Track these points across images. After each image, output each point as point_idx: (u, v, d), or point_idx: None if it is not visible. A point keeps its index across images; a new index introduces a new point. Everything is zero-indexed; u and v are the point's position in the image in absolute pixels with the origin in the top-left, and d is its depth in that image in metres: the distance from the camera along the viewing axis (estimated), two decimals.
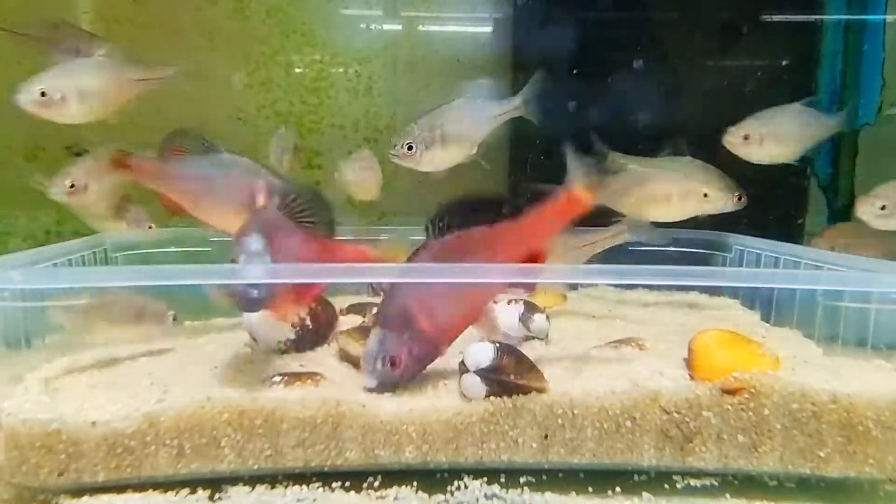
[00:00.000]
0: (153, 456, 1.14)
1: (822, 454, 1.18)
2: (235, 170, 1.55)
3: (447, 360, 1.36)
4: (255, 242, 1.22)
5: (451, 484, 1.19)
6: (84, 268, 1.70)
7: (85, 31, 1.90)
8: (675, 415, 1.19)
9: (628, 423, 1.19)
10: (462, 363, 1.24)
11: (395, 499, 1.16)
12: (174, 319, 1.43)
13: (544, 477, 1.22)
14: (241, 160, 1.57)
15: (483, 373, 1.21)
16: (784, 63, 2.39)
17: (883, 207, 1.71)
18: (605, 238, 1.87)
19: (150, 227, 1.87)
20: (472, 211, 1.34)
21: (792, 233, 2.32)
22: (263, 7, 2.47)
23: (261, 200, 1.41)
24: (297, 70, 2.52)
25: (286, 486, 1.18)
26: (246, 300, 1.19)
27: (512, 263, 1.32)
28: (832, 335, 1.50)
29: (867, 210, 1.73)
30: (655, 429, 1.19)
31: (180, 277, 1.25)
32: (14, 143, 1.98)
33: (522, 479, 1.21)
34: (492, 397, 1.20)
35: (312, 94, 2.53)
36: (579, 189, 1.32)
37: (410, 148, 1.74)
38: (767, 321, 1.77)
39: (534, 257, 1.34)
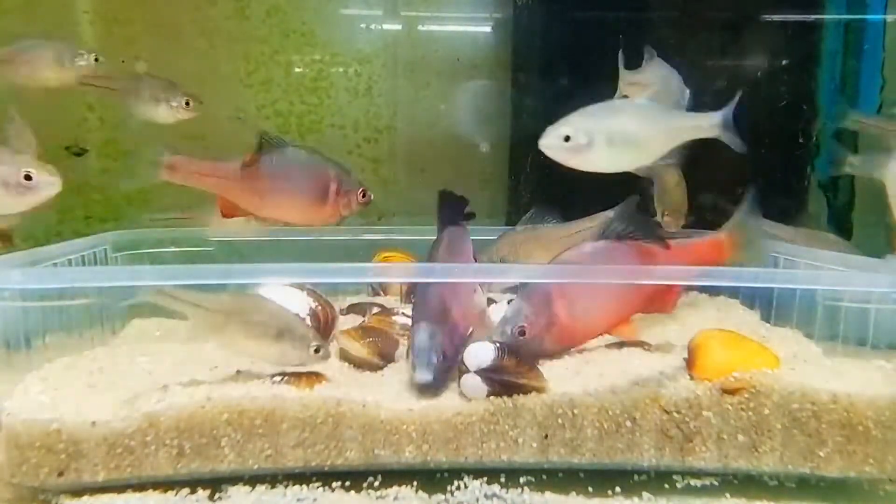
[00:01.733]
0: (153, 456, 1.14)
1: (821, 454, 1.18)
2: (306, 163, 1.57)
3: None
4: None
5: (452, 484, 1.19)
6: (84, 268, 1.70)
7: (167, 80, 1.96)
8: (675, 414, 1.19)
9: (628, 423, 1.19)
10: (462, 363, 1.24)
11: (395, 498, 1.16)
12: (316, 351, 1.27)
13: (544, 477, 1.22)
14: (304, 154, 1.60)
15: (484, 373, 1.21)
16: (784, 63, 2.39)
17: (567, 138, 1.33)
18: (593, 227, 1.86)
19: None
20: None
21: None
22: (263, 7, 2.47)
23: (333, 192, 1.45)
24: (297, 70, 2.52)
25: (286, 486, 1.18)
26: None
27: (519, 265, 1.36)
28: (832, 335, 1.50)
29: (551, 143, 1.34)
30: (655, 428, 1.19)
31: (180, 277, 1.26)
32: None
33: (522, 479, 1.21)
34: (492, 397, 1.20)
35: (312, 93, 2.53)
36: (729, 241, 1.51)
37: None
38: (767, 321, 1.77)
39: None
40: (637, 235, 1.42)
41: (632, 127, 1.36)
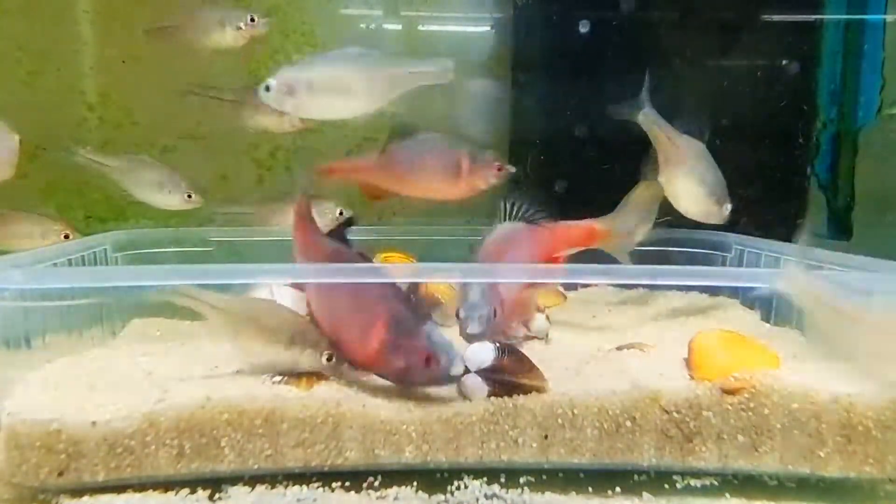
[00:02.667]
0: (153, 456, 1.14)
1: (821, 454, 1.18)
2: (437, 144, 1.69)
3: None
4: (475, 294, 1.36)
5: (451, 484, 1.19)
6: (84, 267, 1.70)
7: None
8: (675, 415, 1.19)
9: (628, 423, 1.19)
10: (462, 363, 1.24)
11: (395, 499, 1.16)
12: (328, 360, 1.25)
13: (544, 477, 1.22)
14: (441, 135, 1.71)
15: (484, 373, 1.21)
16: (784, 63, 2.39)
17: (267, 88, 1.44)
18: None
19: (341, 213, 1.99)
20: None
21: (792, 233, 2.32)
22: (263, 7, 2.47)
23: (465, 167, 1.60)
24: None
25: (286, 486, 1.18)
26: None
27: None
28: None
29: (260, 93, 1.44)
30: (655, 429, 1.19)
31: (180, 277, 1.26)
32: None
33: (522, 479, 1.21)
34: (492, 397, 1.20)
35: None
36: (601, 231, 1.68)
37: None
38: (767, 321, 1.77)
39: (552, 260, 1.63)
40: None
41: (337, 75, 1.49)
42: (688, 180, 1.72)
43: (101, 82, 2.41)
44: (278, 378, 1.26)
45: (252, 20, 1.91)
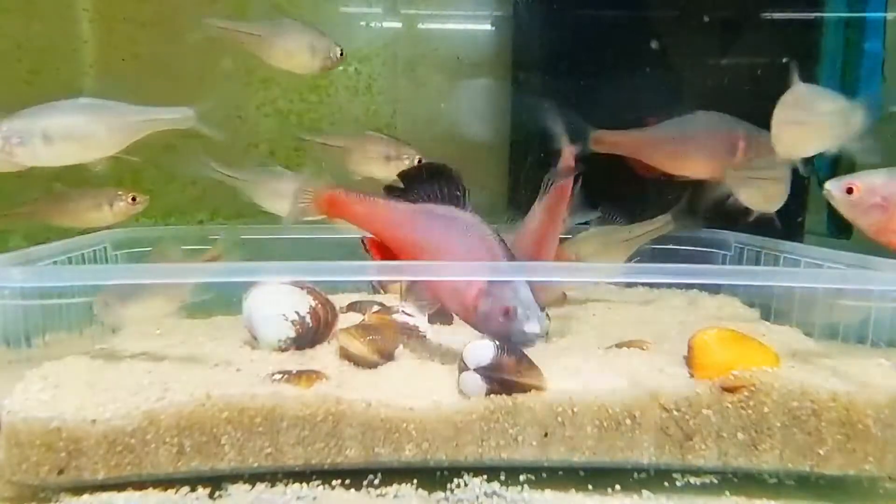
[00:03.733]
0: (153, 454, 1.14)
1: (821, 452, 1.18)
2: (710, 125, 1.73)
3: (447, 357, 1.36)
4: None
5: (451, 482, 1.19)
6: (84, 266, 1.71)
7: (393, 138, 2.02)
8: (675, 413, 1.19)
9: (628, 421, 1.19)
10: (462, 361, 1.24)
11: (395, 497, 1.16)
12: None
13: (544, 475, 1.22)
14: (716, 115, 1.75)
15: (483, 371, 1.21)
16: (784, 61, 2.38)
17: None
18: (652, 230, 1.88)
19: None
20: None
21: (792, 231, 2.32)
22: (264, 5, 2.47)
23: (742, 148, 1.62)
24: None
25: (286, 485, 1.18)
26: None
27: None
28: (832, 333, 1.50)
29: None
30: (655, 427, 1.19)
31: (180, 276, 1.26)
32: None
33: (522, 477, 1.21)
34: (492, 395, 1.20)
35: (312, 92, 2.53)
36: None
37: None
38: (767, 319, 1.78)
39: None
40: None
41: (73, 123, 1.53)
42: (754, 190, 1.76)
43: (101, 81, 2.41)
44: (278, 376, 1.26)
45: (341, 54, 1.92)
